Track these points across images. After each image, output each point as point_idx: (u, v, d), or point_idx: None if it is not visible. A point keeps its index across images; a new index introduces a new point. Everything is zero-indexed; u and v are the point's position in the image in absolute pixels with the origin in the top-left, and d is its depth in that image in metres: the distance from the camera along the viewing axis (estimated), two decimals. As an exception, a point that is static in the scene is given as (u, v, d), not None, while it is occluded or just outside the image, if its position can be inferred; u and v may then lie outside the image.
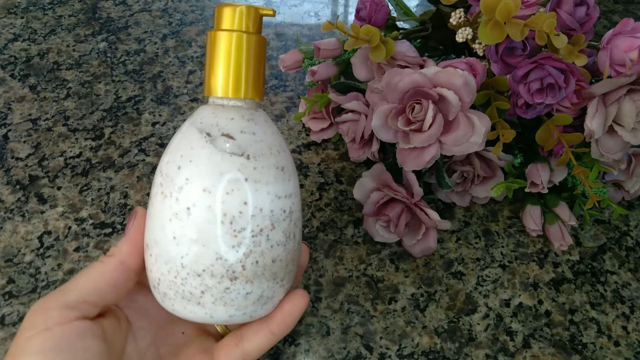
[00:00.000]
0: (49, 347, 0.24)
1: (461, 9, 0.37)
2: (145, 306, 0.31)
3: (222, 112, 0.27)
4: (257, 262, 0.26)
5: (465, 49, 0.41)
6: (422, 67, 0.37)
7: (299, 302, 0.29)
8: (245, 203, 0.25)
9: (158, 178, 0.27)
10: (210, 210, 0.25)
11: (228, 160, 0.25)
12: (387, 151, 0.45)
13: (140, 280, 0.29)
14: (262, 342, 0.29)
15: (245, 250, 0.25)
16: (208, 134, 0.26)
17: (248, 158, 0.26)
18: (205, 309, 0.26)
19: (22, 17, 0.63)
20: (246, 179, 0.25)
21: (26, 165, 0.47)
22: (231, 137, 0.26)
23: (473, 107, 0.35)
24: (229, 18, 0.27)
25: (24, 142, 0.49)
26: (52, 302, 0.26)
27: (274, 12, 0.28)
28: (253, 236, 0.25)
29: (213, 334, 0.32)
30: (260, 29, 0.28)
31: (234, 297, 0.26)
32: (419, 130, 0.34)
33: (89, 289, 0.27)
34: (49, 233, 0.42)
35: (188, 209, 0.25)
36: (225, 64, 0.27)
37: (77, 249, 0.41)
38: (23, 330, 0.25)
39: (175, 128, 0.50)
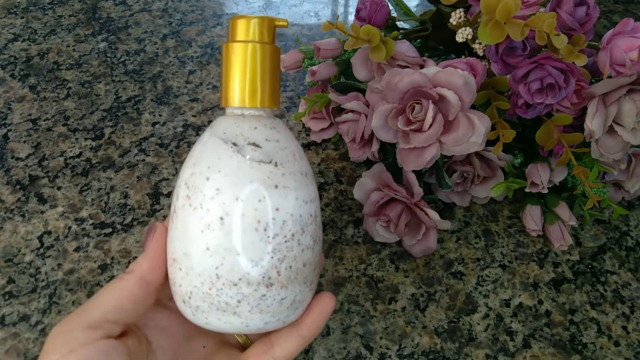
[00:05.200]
0: None
1: (461, 9, 0.37)
2: (163, 324, 0.30)
3: (243, 121, 0.27)
4: (290, 266, 0.26)
5: (465, 49, 0.41)
6: (422, 67, 0.37)
7: (326, 304, 0.29)
8: (277, 209, 0.25)
9: (182, 191, 0.26)
10: (244, 219, 0.25)
11: (257, 169, 0.25)
12: (387, 151, 0.45)
13: (156, 299, 0.29)
14: (292, 347, 0.28)
15: (279, 255, 0.26)
16: (234, 144, 0.26)
17: (276, 165, 0.26)
18: (241, 319, 0.26)
19: (22, 17, 0.63)
20: (276, 186, 0.26)
21: (26, 165, 0.47)
22: (258, 146, 0.26)
23: (473, 107, 0.35)
24: (244, 29, 0.27)
25: (24, 142, 0.49)
26: (74, 323, 0.25)
27: (287, 23, 0.28)
28: (286, 241, 0.26)
29: (235, 345, 0.31)
30: (274, 39, 0.28)
31: (270, 303, 0.26)
32: (419, 130, 0.34)
33: (110, 307, 0.26)
34: (49, 233, 0.42)
35: (221, 218, 0.25)
36: (243, 74, 0.27)
37: (77, 249, 0.41)
38: (46, 354, 0.24)
39: (175, 128, 0.50)
